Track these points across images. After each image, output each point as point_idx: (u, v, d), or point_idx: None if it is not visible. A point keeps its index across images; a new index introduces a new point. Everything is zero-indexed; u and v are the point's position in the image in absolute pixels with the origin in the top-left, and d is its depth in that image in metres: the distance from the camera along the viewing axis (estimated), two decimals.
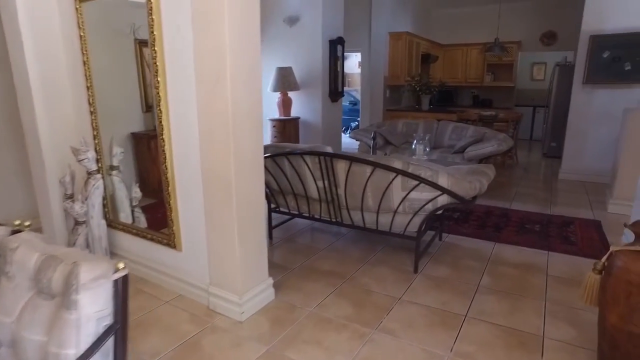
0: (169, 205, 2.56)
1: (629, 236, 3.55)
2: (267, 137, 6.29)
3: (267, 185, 3.48)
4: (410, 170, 2.65)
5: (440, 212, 2.86)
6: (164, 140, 2.45)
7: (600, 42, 5.63)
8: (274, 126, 6.04)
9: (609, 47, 5.61)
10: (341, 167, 2.90)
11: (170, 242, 2.63)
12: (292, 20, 6.08)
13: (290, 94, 6.11)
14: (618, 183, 4.50)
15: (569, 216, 4.33)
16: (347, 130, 10.83)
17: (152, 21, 2.27)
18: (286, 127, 6.01)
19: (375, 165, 2.72)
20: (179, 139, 2.44)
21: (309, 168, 3.06)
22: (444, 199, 2.67)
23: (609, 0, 5.57)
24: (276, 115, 6.17)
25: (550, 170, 6.76)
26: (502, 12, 8.81)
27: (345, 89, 14.08)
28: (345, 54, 13.14)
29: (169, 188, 2.53)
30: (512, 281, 2.91)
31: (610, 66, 5.65)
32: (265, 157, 3.25)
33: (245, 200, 2.34)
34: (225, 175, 2.26)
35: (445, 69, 9.70)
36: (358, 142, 7.64)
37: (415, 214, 2.81)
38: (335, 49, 6.12)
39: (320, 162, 2.98)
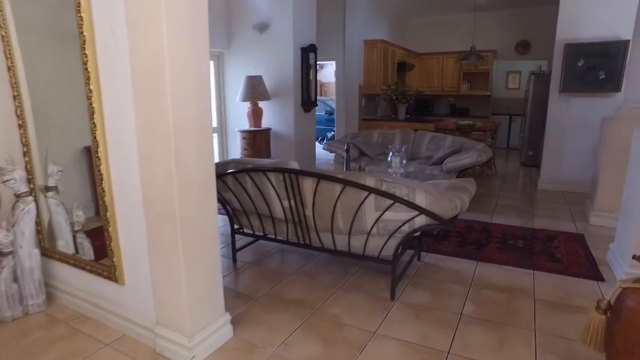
0: (108, 233, 2.21)
1: (617, 255, 3.37)
2: (237, 149, 5.97)
3: (230, 204, 3.16)
4: (384, 188, 2.38)
5: (418, 233, 2.59)
6: (99, 159, 2.11)
7: (575, 50, 5.54)
8: (243, 138, 5.72)
9: (583, 55, 5.52)
10: (308, 185, 2.61)
11: (111, 274, 2.28)
12: (262, 27, 5.80)
13: (261, 104, 5.81)
14: (599, 194, 4.34)
15: (552, 230, 4.14)
16: (323, 141, 10.59)
17: (81, 20, 1.94)
18: (257, 139, 5.70)
19: (345, 183, 2.44)
20: (117, 156, 2.10)
21: (273, 186, 2.76)
22: (421, 220, 2.40)
23: (583, 10, 5.50)
24: (246, 126, 5.85)
25: (529, 180, 6.63)
26: (477, 21, 8.75)
27: (322, 98, 13.92)
28: (321, 62, 12.95)
29: (108, 214, 2.18)
30: (497, 307, 2.66)
31: (585, 75, 5.56)
32: (225, 175, 2.93)
33: (192, 225, 2.02)
34: (167, 198, 1.94)
35: (422, 78, 9.58)
36: (334, 154, 7.39)
37: (391, 236, 2.54)
38: (308, 56, 5.87)
39: (285, 180, 2.68)
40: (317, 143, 9.90)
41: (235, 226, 3.28)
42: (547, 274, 3.14)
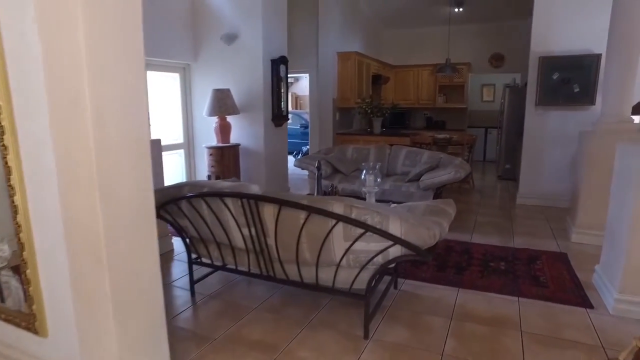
0: (26, 276, 1.86)
1: (604, 279, 3.16)
2: (204, 167, 5.62)
3: (186, 232, 2.83)
4: (353, 216, 2.10)
5: (393, 265, 2.31)
6: (12, 188, 1.77)
7: (549, 63, 5.45)
8: (210, 154, 5.39)
9: (557, 68, 5.44)
10: (269, 212, 2.31)
11: (31, 324, 1.91)
12: (230, 38, 5.52)
13: (229, 119, 5.50)
14: (580, 211, 4.18)
15: (534, 249, 3.94)
16: (298, 155, 10.31)
17: None
18: (225, 155, 5.37)
19: (310, 210, 2.16)
20: (34, 185, 1.76)
21: (231, 213, 2.45)
22: (396, 251, 2.13)
23: (555, 24, 5.43)
24: (213, 142, 5.52)
25: (507, 194, 6.49)
26: (451, 34, 8.71)
27: (297, 111, 13.70)
28: (295, 75, 12.74)
29: (25, 253, 1.83)
30: (482, 344, 2.39)
31: (560, 88, 5.48)
32: (179, 199, 2.61)
33: (125, 266, 1.69)
34: (91, 235, 1.61)
35: (397, 91, 9.46)
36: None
37: (363, 268, 2.26)
38: (278, 68, 5.61)
39: (243, 206, 2.38)
40: (292, 157, 9.63)
41: (194, 255, 2.95)
42: (532, 300, 2.91)
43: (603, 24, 4.74)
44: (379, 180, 3.56)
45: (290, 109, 14.33)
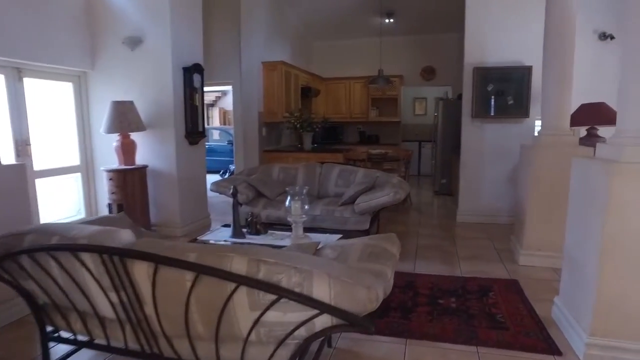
0: None
1: (569, 318, 2.75)
2: (104, 193, 4.70)
3: (34, 297, 2.01)
4: (261, 275, 1.45)
5: (321, 338, 1.68)
6: None
7: (483, 74, 5.23)
8: (110, 179, 4.49)
9: (491, 80, 5.23)
10: (141, 272, 1.59)
11: None
12: (134, 42, 4.71)
13: (134, 136, 4.64)
14: (527, 231, 3.85)
15: (484, 277, 3.53)
16: (225, 174, 9.50)
17: None
18: (128, 179, 4.50)
19: (198, 270, 1.47)
20: None
21: (90, 273, 1.70)
22: (325, 320, 1.50)
23: (487, 35, 5.25)
24: (115, 164, 4.63)
25: (445, 211, 6.18)
26: (383, 46, 8.47)
27: (224, 127, 12.86)
28: (223, 88, 11.89)
29: None
30: None
31: (495, 100, 5.27)
32: (12, 255, 1.80)
33: None
34: None
35: (329, 104, 9.02)
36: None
37: (280, 344, 1.60)
38: (191, 78, 4.87)
39: (106, 264, 1.64)
40: (220, 177, 8.78)
41: (49, 328, 2.12)
42: (493, 351, 2.41)
43: (534, 35, 4.59)
44: (306, 207, 2.94)
45: (218, 124, 13.57)
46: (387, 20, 7.67)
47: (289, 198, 2.95)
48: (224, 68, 6.59)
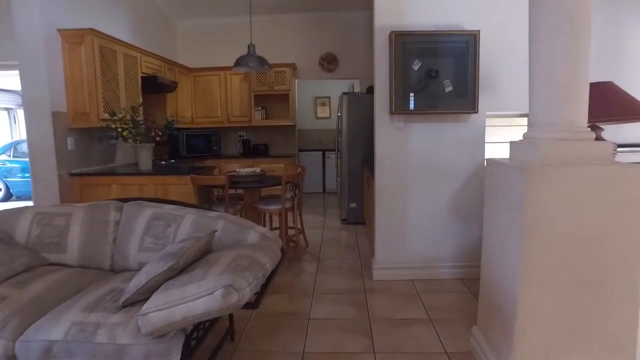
0: None
1: None
2: None
3: None
4: None
5: None
6: None
7: (405, 44, 3.24)
8: None
9: (419, 53, 3.26)
10: None
11: None
12: None
13: None
14: (522, 312, 1.85)
15: None
16: None
17: None
18: None
19: None
20: None
21: None
22: None
23: None
24: None
25: (356, 259, 4.10)
26: (267, 27, 6.29)
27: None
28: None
29: None
30: None
31: (425, 85, 3.31)
32: None
33: None
34: None
35: (198, 104, 6.59)
36: None
37: None
38: None
39: None
40: None
41: None
42: None
43: None
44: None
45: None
46: None
47: None
48: None
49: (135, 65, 4.90)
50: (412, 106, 3.27)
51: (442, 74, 3.27)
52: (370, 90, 5.61)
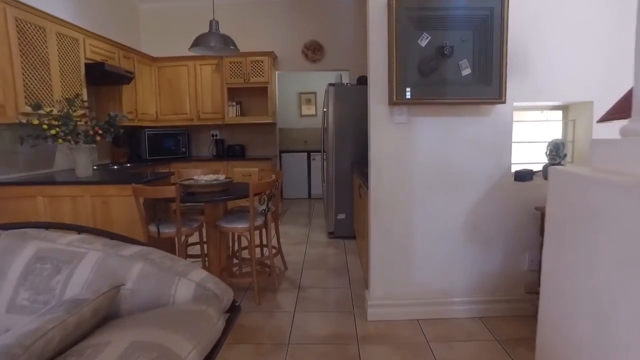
0: None
1: None
2: None
3: None
4: None
5: None
6: None
7: (409, 11, 2.45)
8: None
9: (427, 24, 2.47)
10: None
11: None
12: None
13: None
14: None
15: None
16: None
17: None
18: None
19: None
20: None
21: None
22: None
23: None
24: None
25: (347, 288, 3.29)
26: (242, 10, 5.47)
27: None
28: None
29: None
30: None
31: (435, 67, 2.51)
32: None
33: None
34: None
35: (164, 99, 5.72)
36: None
37: None
38: None
39: None
40: None
41: None
42: None
43: None
44: None
45: None
46: None
47: None
48: None
49: (77, 48, 4.03)
50: (416, 95, 2.48)
51: (457, 52, 2.48)
52: (362, 81, 4.83)
